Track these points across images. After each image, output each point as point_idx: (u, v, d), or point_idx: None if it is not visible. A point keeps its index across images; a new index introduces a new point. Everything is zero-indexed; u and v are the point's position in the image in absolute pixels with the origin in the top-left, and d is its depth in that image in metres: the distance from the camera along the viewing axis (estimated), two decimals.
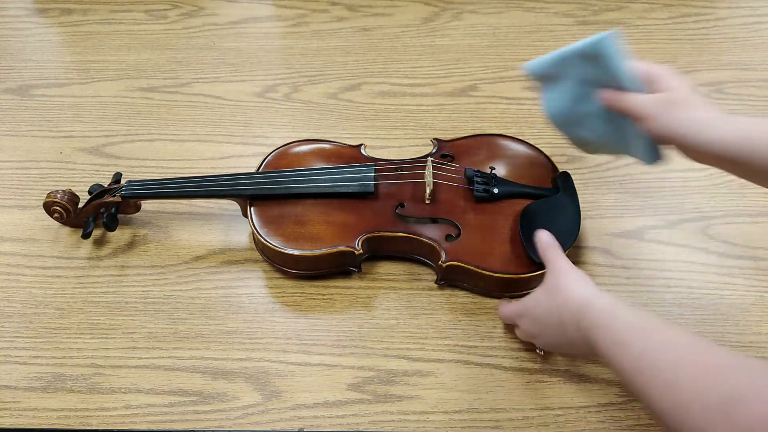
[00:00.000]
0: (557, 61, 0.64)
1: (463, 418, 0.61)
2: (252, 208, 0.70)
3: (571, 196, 0.70)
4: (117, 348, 0.66)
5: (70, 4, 1.10)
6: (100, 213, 0.73)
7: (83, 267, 0.73)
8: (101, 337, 0.67)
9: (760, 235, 0.75)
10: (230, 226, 0.76)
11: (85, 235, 0.71)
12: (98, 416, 0.61)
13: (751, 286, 0.70)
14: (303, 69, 0.98)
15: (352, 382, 0.63)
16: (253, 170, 0.75)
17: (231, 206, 0.76)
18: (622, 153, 0.68)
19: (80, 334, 0.67)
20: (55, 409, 0.62)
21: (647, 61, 0.60)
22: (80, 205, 0.74)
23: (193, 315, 0.69)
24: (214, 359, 0.65)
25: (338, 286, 0.71)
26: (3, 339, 0.67)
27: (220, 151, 0.86)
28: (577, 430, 0.60)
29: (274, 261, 0.70)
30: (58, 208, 0.72)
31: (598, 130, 0.66)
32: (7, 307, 0.70)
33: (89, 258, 0.74)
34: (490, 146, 0.77)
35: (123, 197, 0.73)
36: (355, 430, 0.60)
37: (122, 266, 0.73)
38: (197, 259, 0.74)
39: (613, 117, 0.62)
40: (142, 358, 0.65)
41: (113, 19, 1.08)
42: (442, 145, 0.77)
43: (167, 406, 0.62)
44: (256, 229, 0.69)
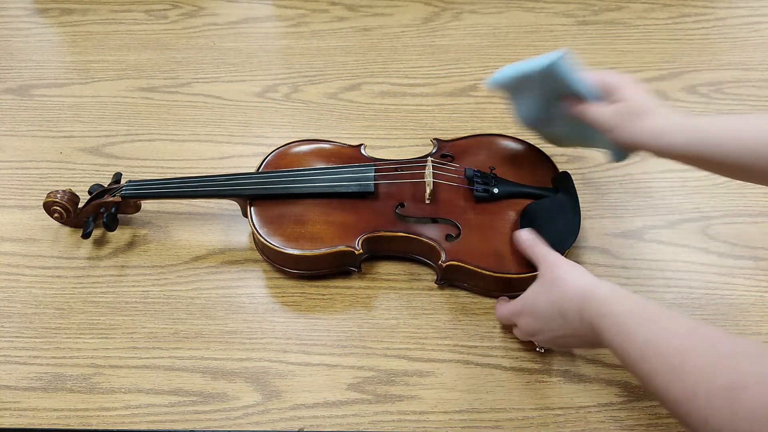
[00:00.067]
0: (518, 78, 0.67)
1: (463, 418, 0.61)
2: (252, 208, 0.70)
3: (571, 196, 0.70)
4: (117, 348, 0.66)
5: (70, 4, 1.11)
6: (100, 213, 0.73)
7: (83, 267, 0.73)
8: (101, 337, 0.67)
9: (760, 235, 0.75)
10: (230, 226, 0.77)
11: (85, 235, 0.71)
12: (98, 416, 0.61)
13: (751, 286, 0.70)
14: (303, 69, 0.98)
15: (352, 382, 0.63)
16: (253, 170, 0.75)
17: (231, 206, 0.76)
18: (593, 147, 0.73)
19: (80, 334, 0.67)
20: (55, 409, 0.62)
21: (603, 70, 0.64)
22: (80, 205, 0.74)
23: (193, 315, 0.69)
24: (214, 359, 0.65)
25: (338, 286, 0.71)
26: (3, 339, 0.67)
27: (220, 151, 0.86)
28: (577, 430, 0.60)
29: (274, 261, 0.70)
30: (58, 208, 0.72)
31: (568, 131, 0.70)
32: (7, 307, 0.70)
33: (89, 258, 0.74)
34: (490, 146, 0.77)
35: (123, 197, 0.73)
36: (355, 430, 0.60)
37: (122, 266, 0.73)
38: (197, 259, 0.74)
39: (579, 121, 0.65)
40: (142, 358, 0.65)
41: (113, 19, 1.08)
42: (442, 145, 0.77)
43: (167, 406, 0.62)
44: (256, 228, 0.69)
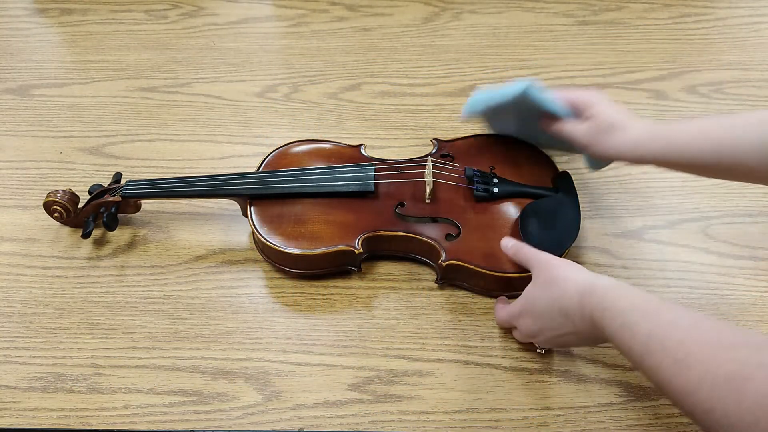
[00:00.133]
0: (491, 107, 0.71)
1: (463, 418, 0.61)
2: (252, 208, 0.70)
3: (571, 196, 0.70)
4: (117, 348, 0.66)
5: (70, 4, 1.11)
6: (100, 213, 0.73)
7: (83, 267, 0.73)
8: (101, 337, 0.67)
9: (760, 235, 0.75)
10: (230, 226, 0.77)
11: (85, 235, 0.71)
12: (98, 416, 0.61)
13: (751, 286, 0.70)
14: (303, 69, 0.98)
15: (352, 382, 0.63)
16: (253, 170, 0.75)
17: (231, 206, 0.76)
18: (574, 153, 0.77)
19: (80, 334, 0.67)
20: (55, 409, 0.62)
21: (573, 89, 0.67)
22: (80, 204, 0.74)
23: (193, 315, 0.69)
24: (214, 359, 0.65)
25: (338, 286, 0.71)
26: (3, 339, 0.67)
27: (220, 151, 0.86)
28: (577, 430, 0.60)
29: (274, 260, 0.70)
30: (58, 207, 0.72)
31: (548, 140, 0.73)
32: (7, 307, 0.70)
33: (89, 258, 0.74)
34: (490, 146, 0.77)
35: (123, 197, 0.73)
36: (355, 430, 0.60)
37: (122, 266, 0.73)
38: (197, 259, 0.74)
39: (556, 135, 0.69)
40: (142, 358, 0.65)
41: (113, 19, 1.08)
42: (442, 145, 0.77)
43: (167, 406, 0.62)
44: (256, 228, 0.69)
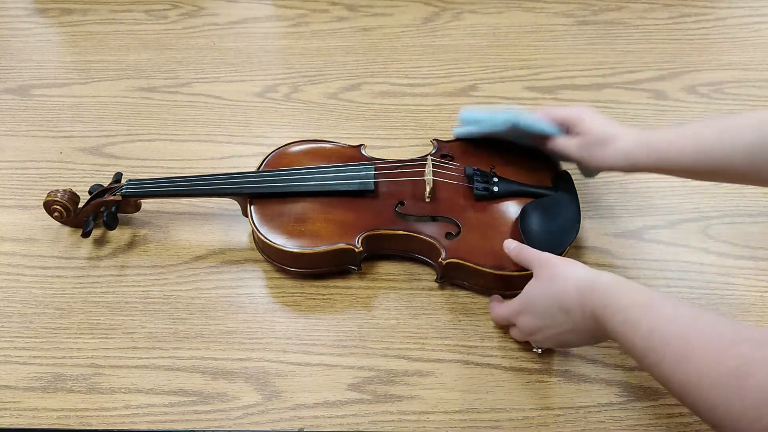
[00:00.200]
0: (482, 133, 0.74)
1: (463, 418, 0.61)
2: (252, 207, 0.70)
3: (571, 196, 0.70)
4: (117, 348, 0.66)
5: (70, 4, 1.11)
6: (100, 212, 0.73)
7: (83, 267, 0.73)
8: (101, 337, 0.67)
9: (760, 235, 0.75)
10: (230, 226, 0.76)
11: (85, 234, 0.71)
12: (98, 416, 0.61)
13: (751, 286, 0.70)
14: (303, 69, 0.98)
15: (352, 382, 0.63)
16: (253, 170, 0.75)
17: (231, 206, 0.76)
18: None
19: (80, 334, 0.67)
20: (55, 409, 0.62)
21: (560, 107, 0.69)
22: (80, 204, 0.74)
23: (193, 315, 0.69)
24: (214, 359, 0.65)
25: (338, 286, 0.71)
26: (3, 339, 0.67)
27: (220, 151, 0.86)
28: (577, 430, 0.60)
29: (274, 259, 0.70)
30: (58, 207, 0.72)
31: (543, 148, 0.74)
32: (7, 307, 0.70)
33: (89, 258, 0.74)
34: (490, 146, 0.77)
35: (123, 196, 0.73)
36: (355, 430, 0.60)
37: (122, 266, 0.73)
38: (197, 259, 0.74)
39: None
40: (142, 358, 0.65)
41: (113, 19, 1.08)
42: (442, 146, 0.77)
43: (167, 406, 0.62)
44: (256, 226, 0.69)
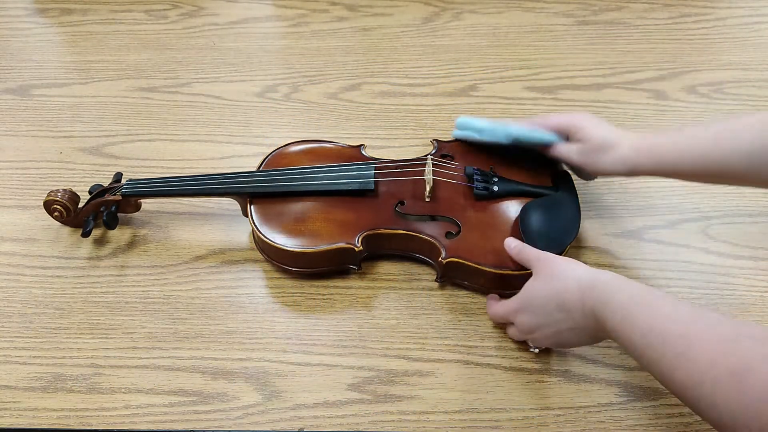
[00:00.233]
0: (483, 140, 0.74)
1: (463, 418, 0.61)
2: (252, 206, 0.70)
3: (571, 195, 0.70)
4: (117, 348, 0.66)
5: (70, 4, 1.11)
6: (100, 212, 0.73)
7: (83, 267, 0.73)
8: (101, 337, 0.67)
9: (760, 235, 0.75)
10: (230, 226, 0.76)
11: (85, 234, 0.71)
12: (98, 416, 0.61)
13: (751, 286, 0.70)
14: (303, 69, 0.98)
15: (352, 382, 0.63)
16: (253, 170, 0.75)
17: (231, 206, 0.76)
18: None
19: (80, 334, 0.67)
20: (55, 409, 0.62)
21: (560, 114, 0.69)
22: (80, 204, 0.74)
23: (193, 315, 0.69)
24: (214, 359, 0.65)
25: (338, 286, 0.71)
26: (3, 339, 0.67)
27: (220, 151, 0.86)
28: (577, 430, 0.60)
29: (274, 259, 0.70)
30: (58, 206, 0.72)
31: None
32: (7, 307, 0.70)
33: (89, 258, 0.74)
34: (490, 146, 0.77)
35: (123, 195, 0.73)
36: (355, 430, 0.60)
37: (122, 266, 0.73)
38: (197, 259, 0.74)
39: None
40: (142, 358, 0.65)
41: (113, 19, 1.08)
42: (442, 146, 0.77)
43: (167, 406, 0.62)
44: (256, 226, 0.69)
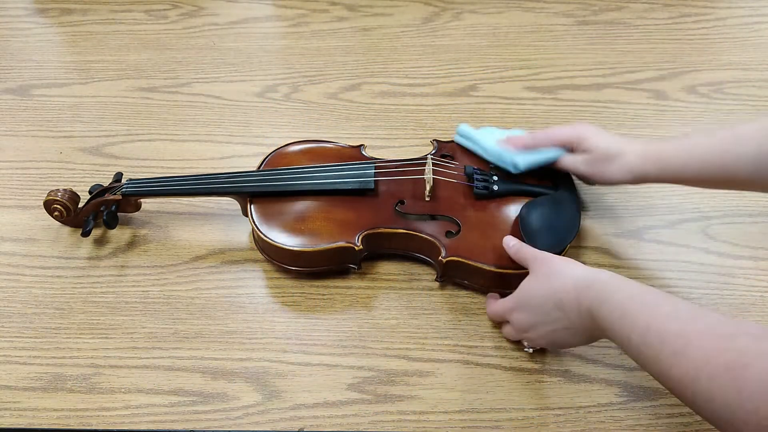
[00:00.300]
0: (485, 157, 0.74)
1: (463, 418, 0.61)
2: (252, 206, 0.70)
3: (572, 195, 0.70)
4: (117, 348, 0.66)
5: (70, 4, 1.11)
6: (100, 211, 0.73)
7: (83, 267, 0.73)
8: (101, 337, 0.67)
9: (760, 235, 0.75)
10: (230, 226, 0.76)
11: (85, 233, 0.71)
12: (98, 416, 0.61)
13: (751, 286, 0.70)
14: (303, 69, 0.98)
15: (352, 382, 0.63)
16: (253, 170, 0.75)
17: (231, 206, 0.76)
18: None
19: (80, 334, 0.67)
20: (55, 409, 0.62)
21: (564, 127, 0.69)
22: (80, 204, 0.74)
23: (193, 315, 0.69)
24: (214, 359, 0.65)
25: (338, 286, 0.71)
26: (3, 339, 0.67)
27: (220, 151, 0.86)
28: (577, 430, 0.60)
29: (274, 258, 0.70)
30: (58, 206, 0.72)
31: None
32: (7, 307, 0.70)
33: (89, 258, 0.74)
34: None
35: (124, 195, 0.73)
36: (355, 430, 0.60)
37: (122, 266, 0.73)
38: (197, 259, 0.74)
39: None
40: (142, 358, 0.65)
41: (113, 19, 1.08)
42: (442, 146, 0.77)
43: (167, 406, 0.62)
44: (256, 225, 0.69)
